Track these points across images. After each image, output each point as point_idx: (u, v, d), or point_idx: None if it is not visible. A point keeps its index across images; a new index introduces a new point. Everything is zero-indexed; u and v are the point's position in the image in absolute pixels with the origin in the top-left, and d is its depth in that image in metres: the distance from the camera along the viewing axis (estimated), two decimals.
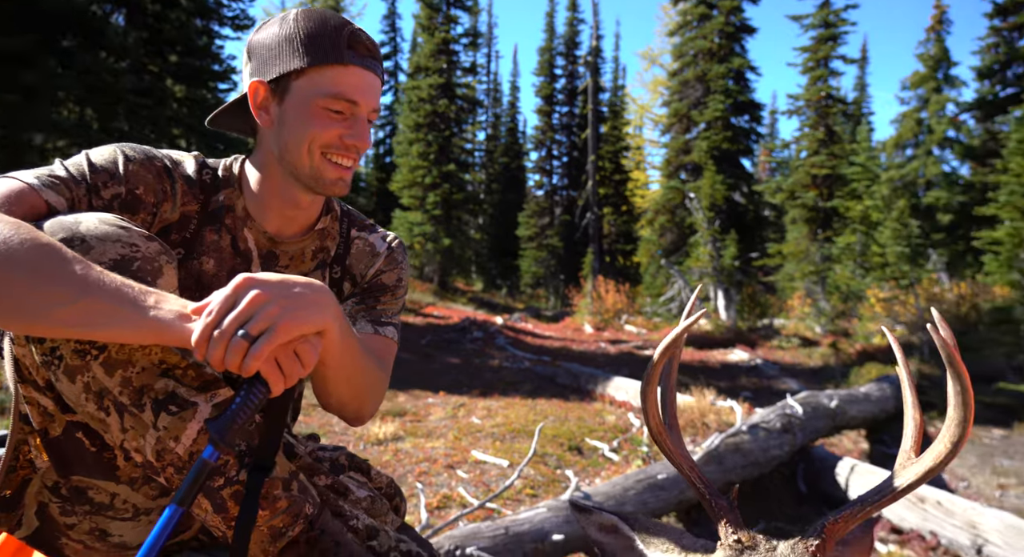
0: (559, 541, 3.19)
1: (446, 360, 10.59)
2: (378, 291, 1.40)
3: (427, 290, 19.33)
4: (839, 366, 10.85)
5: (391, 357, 1.33)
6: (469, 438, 5.89)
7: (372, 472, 1.51)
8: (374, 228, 1.47)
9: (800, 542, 0.93)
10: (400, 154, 20.68)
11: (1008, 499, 5.07)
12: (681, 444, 1.09)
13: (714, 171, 17.10)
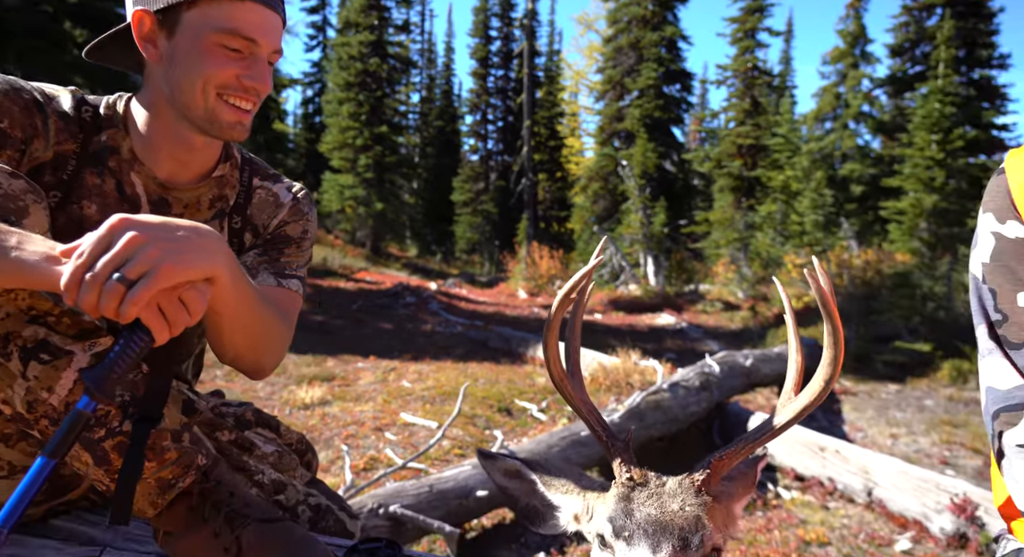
0: (483, 497, 3.26)
1: (378, 325, 10.48)
2: (282, 243, 1.35)
3: (359, 255, 18.96)
4: (758, 328, 11.43)
5: (295, 310, 1.30)
6: (399, 401, 5.89)
7: (281, 428, 1.48)
8: (278, 178, 1.41)
9: (687, 477, 0.98)
10: (330, 114, 19.93)
11: (898, 447, 5.53)
12: (582, 391, 1.12)
13: (646, 139, 17.37)
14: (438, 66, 31.32)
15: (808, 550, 3.56)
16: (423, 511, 2.95)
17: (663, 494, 0.94)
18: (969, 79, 14.28)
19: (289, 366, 6.76)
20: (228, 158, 1.31)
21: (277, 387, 5.94)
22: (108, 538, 1.10)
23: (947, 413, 6.50)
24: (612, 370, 6.49)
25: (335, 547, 1.17)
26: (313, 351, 7.62)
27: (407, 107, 25.80)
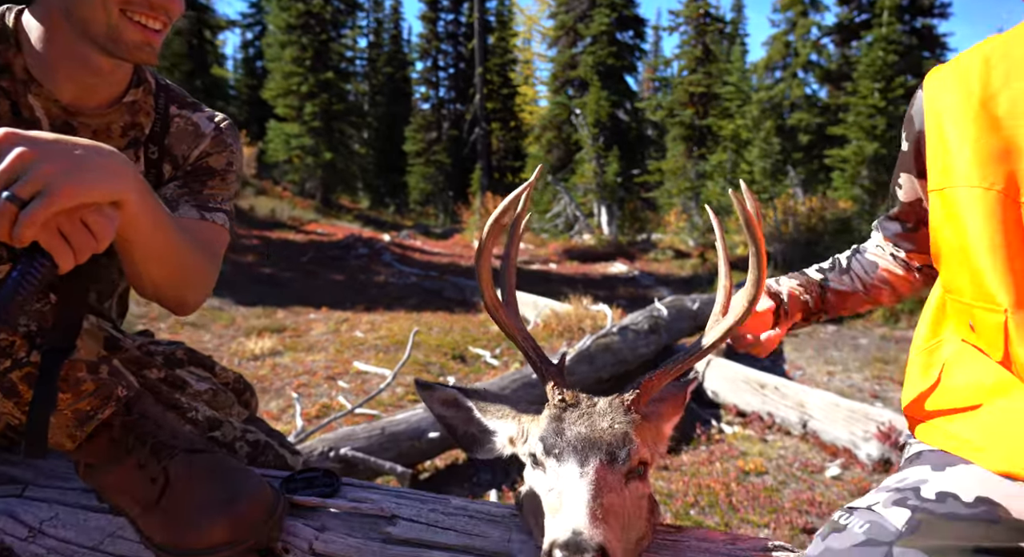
0: (435, 438, 3.31)
1: (329, 277, 10.31)
2: (204, 175, 1.28)
3: (309, 207, 18.45)
4: (707, 275, 11.73)
5: (221, 245, 1.25)
6: (352, 351, 5.87)
7: (216, 368, 1.45)
8: (198, 106, 1.33)
9: (617, 397, 1.00)
10: (272, 58, 18.99)
11: (834, 383, 5.84)
12: (516, 318, 1.12)
13: (599, 87, 17.21)
14: (385, 9, 30.02)
15: (747, 479, 3.76)
16: (374, 453, 2.97)
17: (593, 413, 0.97)
18: (912, 28, 14.55)
19: (238, 318, 6.62)
20: (140, 83, 1.23)
21: (225, 339, 5.83)
22: (30, 476, 1.06)
23: (879, 351, 6.87)
24: (564, 316, 6.58)
25: (274, 478, 1.16)
26: (263, 303, 7.47)
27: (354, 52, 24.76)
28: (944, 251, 0.97)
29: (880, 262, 1.26)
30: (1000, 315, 0.87)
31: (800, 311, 1.25)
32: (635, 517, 0.92)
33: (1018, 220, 0.86)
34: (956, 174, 0.92)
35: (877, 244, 1.28)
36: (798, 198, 12.66)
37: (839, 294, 1.27)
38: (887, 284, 1.26)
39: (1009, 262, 0.85)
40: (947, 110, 0.95)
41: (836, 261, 1.30)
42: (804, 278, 1.28)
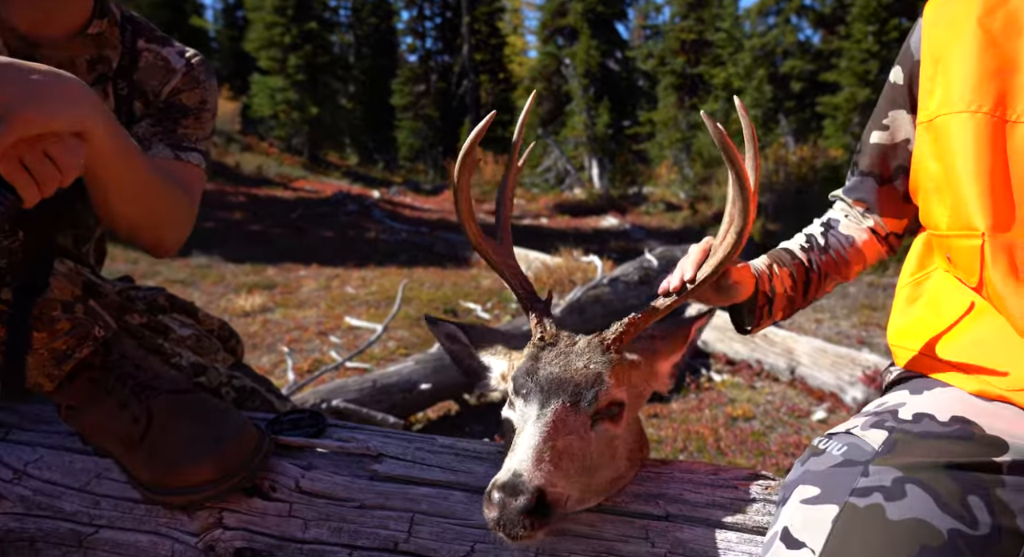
0: (427, 389, 3.34)
1: (319, 234, 10.24)
2: (177, 112, 1.24)
3: (296, 163, 18.18)
4: (697, 227, 11.72)
5: (198, 185, 1.21)
6: (343, 306, 5.87)
7: (200, 314, 1.43)
8: (167, 41, 1.28)
9: (598, 335, 0.98)
10: (252, 8, 18.35)
11: (822, 330, 5.91)
12: (506, 253, 1.10)
13: (589, 36, 16.80)
14: None
15: (735, 425, 3.84)
16: (366, 405, 3.00)
17: (570, 353, 0.95)
18: None
19: (227, 275, 6.59)
20: (105, 14, 1.17)
21: (215, 296, 5.81)
22: (14, 420, 1.06)
23: (867, 298, 6.94)
24: (555, 269, 6.58)
25: (260, 420, 1.16)
26: (252, 260, 7.43)
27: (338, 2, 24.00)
28: (925, 185, 0.97)
29: (854, 235, 1.16)
30: (977, 239, 0.87)
31: (782, 310, 1.11)
32: (604, 458, 0.91)
33: (1002, 142, 0.86)
34: (948, 100, 0.91)
35: (846, 215, 1.19)
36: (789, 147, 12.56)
37: (822, 279, 1.15)
38: (860, 258, 1.17)
39: (991, 185, 0.86)
40: (944, 33, 0.94)
41: (812, 239, 1.17)
42: (793, 263, 1.12)
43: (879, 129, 1.08)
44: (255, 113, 18.86)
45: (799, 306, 1.13)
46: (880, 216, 1.13)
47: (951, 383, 0.92)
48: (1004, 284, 0.86)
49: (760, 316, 1.08)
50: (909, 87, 1.01)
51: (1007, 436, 0.80)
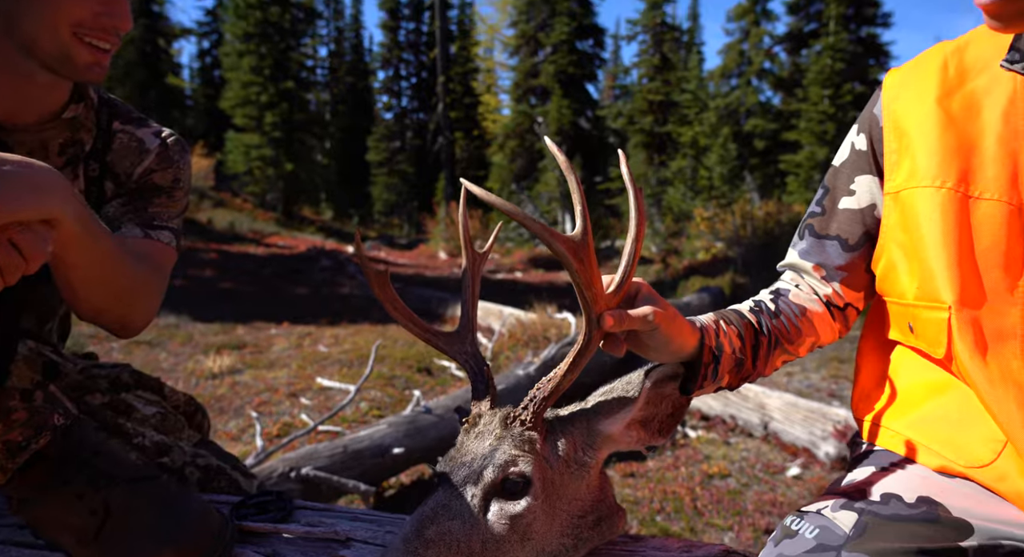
0: (400, 453, 3.27)
1: (292, 291, 10.15)
2: (149, 192, 1.25)
3: (270, 219, 18.15)
4: (669, 280, 11.89)
5: (168, 263, 1.22)
6: (315, 366, 5.77)
7: (165, 390, 1.41)
8: (144, 122, 1.30)
9: (507, 410, 0.94)
10: (229, 68, 18.66)
11: (793, 383, 5.97)
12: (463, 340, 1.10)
13: (560, 95, 17.38)
14: (346, 18, 29.85)
15: (711, 483, 3.81)
16: (337, 472, 2.92)
17: (479, 433, 0.92)
18: (857, 37, 15.07)
19: (195, 335, 6.46)
20: (82, 99, 1.19)
21: (182, 357, 5.67)
22: None
23: (835, 350, 7.05)
24: (530, 325, 6.59)
25: (223, 504, 1.13)
26: (222, 319, 7.30)
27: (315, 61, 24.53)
28: (893, 254, 0.98)
29: (806, 305, 1.08)
30: (944, 312, 0.88)
31: (729, 373, 1.00)
32: (508, 540, 0.86)
33: (967, 217, 0.88)
34: (914, 174, 0.94)
35: (797, 285, 1.11)
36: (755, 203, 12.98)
37: (772, 345, 1.04)
38: (812, 331, 1.08)
39: (958, 259, 0.87)
40: (906, 109, 0.97)
41: (762, 304, 1.08)
42: (741, 323, 1.02)
43: (847, 194, 1.06)
44: (229, 169, 18.92)
45: (748, 373, 1.03)
46: (840, 284, 1.08)
47: (915, 458, 0.94)
48: (970, 358, 0.87)
49: (704, 375, 0.97)
50: (873, 153, 1.03)
51: (971, 517, 0.82)
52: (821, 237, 1.09)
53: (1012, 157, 0.86)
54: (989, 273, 0.87)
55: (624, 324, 0.88)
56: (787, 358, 1.08)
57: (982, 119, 0.89)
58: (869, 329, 1.10)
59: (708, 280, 10.06)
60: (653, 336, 0.91)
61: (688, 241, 13.35)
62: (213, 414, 4.36)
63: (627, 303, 0.93)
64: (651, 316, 0.89)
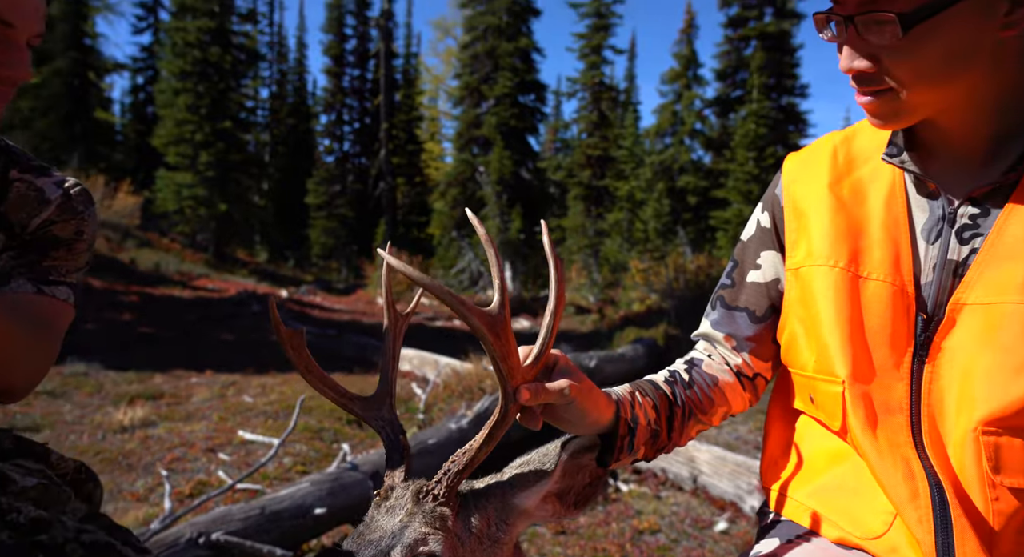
0: (322, 514, 3.11)
1: (218, 337, 9.71)
2: (47, 245, 1.18)
3: (199, 260, 17.47)
4: (606, 331, 12.07)
5: (62, 320, 1.14)
6: (237, 418, 5.48)
7: (52, 457, 1.29)
8: (45, 171, 1.24)
9: (419, 483, 0.92)
10: (163, 105, 18.20)
11: (722, 436, 6.08)
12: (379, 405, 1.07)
13: (502, 147, 17.77)
14: (290, 61, 29.84)
15: (641, 539, 3.79)
16: (252, 536, 2.74)
17: (390, 508, 0.90)
18: (778, 105, 16.21)
19: (106, 384, 6.05)
20: None
21: (89, 409, 5.28)
22: None
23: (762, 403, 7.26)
24: (465, 375, 6.51)
25: None
26: (138, 367, 6.89)
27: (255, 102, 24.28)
28: (794, 327, 1.02)
29: (718, 376, 1.10)
30: (839, 386, 0.92)
31: (644, 445, 0.99)
32: None
33: (857, 296, 0.92)
34: (811, 252, 0.98)
35: (709, 355, 1.13)
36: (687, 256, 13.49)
37: (686, 415, 1.05)
38: (724, 401, 1.10)
39: (850, 336, 0.91)
40: (803, 192, 1.03)
41: (676, 374, 1.09)
42: (656, 394, 1.03)
43: (753, 268, 1.10)
44: (159, 208, 18.24)
45: (663, 444, 1.03)
46: (749, 354, 1.11)
47: (819, 530, 0.96)
48: (862, 431, 0.90)
49: (620, 447, 0.96)
50: (775, 231, 1.08)
51: None
52: (731, 308, 1.12)
53: (894, 242, 0.92)
54: (878, 349, 0.91)
55: (540, 398, 0.88)
56: (701, 428, 1.09)
57: (868, 205, 0.96)
58: (776, 398, 1.13)
59: (643, 331, 10.26)
60: (569, 409, 0.91)
61: (624, 292, 13.65)
62: (119, 472, 4.05)
63: (544, 375, 0.93)
64: (567, 390, 0.89)
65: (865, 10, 0.79)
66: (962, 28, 0.77)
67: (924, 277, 0.90)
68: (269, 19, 29.31)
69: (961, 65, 0.80)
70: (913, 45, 0.78)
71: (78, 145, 17.53)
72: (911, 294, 0.90)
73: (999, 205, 0.85)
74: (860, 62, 0.82)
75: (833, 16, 0.83)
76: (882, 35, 0.79)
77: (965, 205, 0.88)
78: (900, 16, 0.76)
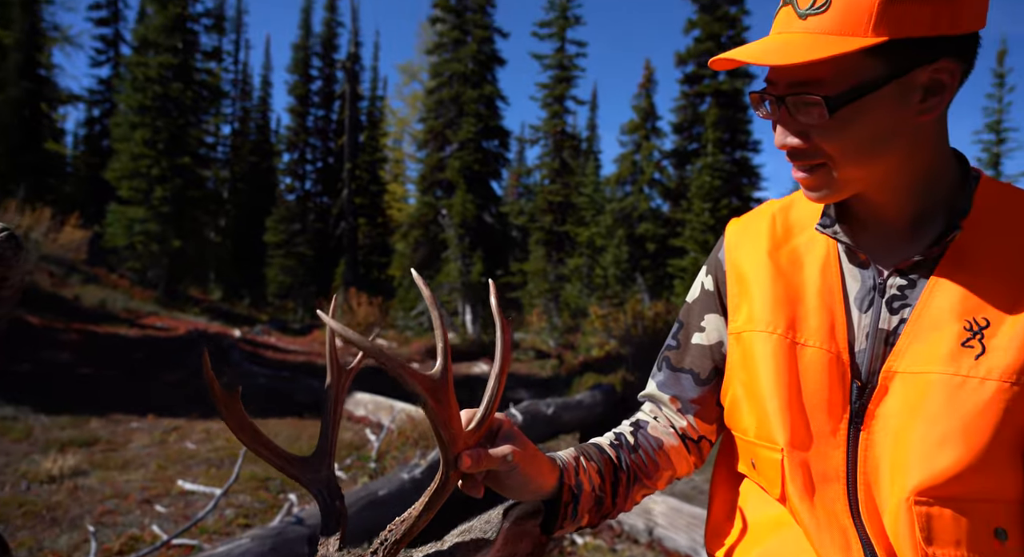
0: None
1: (163, 378, 9.31)
2: None
3: (149, 298, 16.88)
4: (565, 376, 12.03)
5: None
6: (178, 466, 5.21)
7: None
8: None
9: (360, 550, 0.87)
10: (119, 138, 17.85)
11: (678, 486, 6.05)
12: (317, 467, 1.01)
13: (465, 190, 17.93)
14: (254, 100, 29.79)
15: None
16: None
17: None
18: (732, 158, 16.87)
19: (36, 429, 5.70)
20: None
21: (14, 457, 4.95)
22: None
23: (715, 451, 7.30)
24: (421, 421, 6.36)
25: None
26: (73, 410, 6.53)
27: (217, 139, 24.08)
28: (736, 391, 1.02)
29: (663, 439, 1.08)
30: (778, 454, 0.92)
31: (588, 512, 0.96)
32: None
33: (795, 363, 0.93)
34: (751, 318, 0.99)
35: (655, 417, 1.12)
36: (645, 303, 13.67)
37: (631, 481, 1.02)
38: (669, 465, 1.07)
39: (789, 402, 0.92)
40: (744, 257, 1.05)
41: (622, 437, 1.06)
42: (601, 458, 1.01)
43: (698, 331, 1.10)
44: (108, 243, 17.67)
45: (608, 510, 1.00)
46: (694, 416, 1.10)
47: None
48: (800, 500, 0.90)
49: (564, 514, 0.93)
50: (719, 294, 1.09)
51: None
52: (676, 370, 1.12)
53: (829, 310, 0.94)
54: (815, 416, 0.91)
55: (483, 464, 0.85)
56: (646, 492, 1.07)
57: (805, 273, 0.98)
58: (721, 460, 1.12)
59: (601, 377, 10.26)
60: (512, 476, 0.89)
61: (584, 337, 13.70)
62: (42, 527, 3.77)
63: (488, 440, 0.91)
64: (510, 456, 0.87)
65: (794, 92, 0.82)
66: (883, 112, 0.81)
67: (858, 344, 0.91)
68: (234, 57, 29.36)
69: (883, 146, 0.84)
70: (840, 125, 0.82)
71: (26, 176, 16.97)
72: (846, 361, 0.91)
73: (924, 277, 0.88)
74: (792, 139, 0.86)
75: (766, 95, 0.86)
76: (810, 115, 0.82)
77: (894, 276, 0.90)
78: (826, 99, 0.79)
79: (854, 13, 0.76)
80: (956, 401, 0.82)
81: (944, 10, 0.76)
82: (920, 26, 0.76)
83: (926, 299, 0.87)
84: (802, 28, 0.80)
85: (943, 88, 0.81)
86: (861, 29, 0.76)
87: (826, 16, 0.78)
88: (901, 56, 0.78)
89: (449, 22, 19.24)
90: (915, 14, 0.75)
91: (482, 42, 18.65)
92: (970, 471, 0.80)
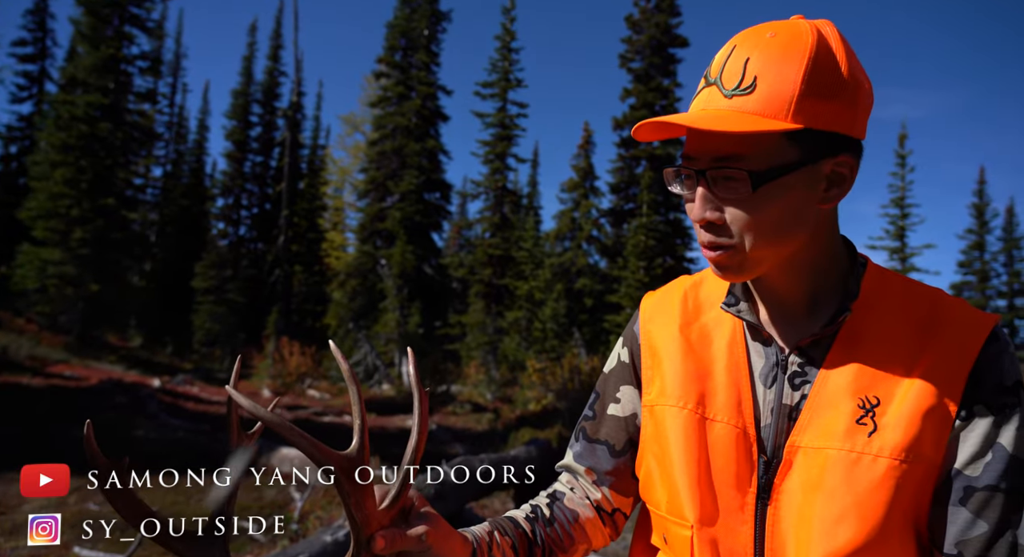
0: None
1: (69, 433, 8.60)
2: None
3: (59, 344, 15.77)
4: (501, 430, 11.87)
5: None
6: (77, 530, 4.76)
7: None
8: None
9: None
10: (38, 177, 17.00)
11: (610, 546, 5.98)
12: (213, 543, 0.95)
13: (405, 241, 17.89)
14: (188, 143, 29.14)
15: None
16: None
17: None
18: (666, 219, 17.62)
19: None
20: None
21: None
22: None
23: None
24: None
25: None
26: None
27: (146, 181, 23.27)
28: (650, 465, 1.02)
29: (579, 511, 1.08)
30: (688, 530, 0.92)
31: None
32: None
33: (704, 438, 0.94)
34: (663, 392, 1.00)
35: (572, 488, 1.12)
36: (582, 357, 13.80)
37: (546, 555, 1.03)
38: (584, 538, 1.07)
39: (698, 478, 0.92)
40: (658, 331, 1.06)
41: (538, 510, 1.07)
42: (516, 532, 1.01)
43: (613, 402, 1.10)
44: (17, 286, 16.54)
45: None
46: (610, 489, 1.09)
47: None
48: None
49: None
50: (634, 367, 1.09)
51: None
52: (592, 441, 1.11)
53: (736, 386, 0.96)
54: (723, 492, 0.92)
55: (397, 545, 0.84)
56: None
57: (713, 349, 1.00)
58: (638, 532, 1.11)
59: (538, 432, 10.18)
60: (425, 556, 0.88)
61: (521, 391, 13.64)
62: None
63: (401, 518, 0.89)
64: (424, 536, 0.86)
65: (718, 166, 0.85)
66: (795, 195, 0.85)
67: (764, 420, 0.93)
68: (171, 100, 28.81)
69: (792, 228, 0.87)
70: (758, 202, 0.84)
71: None
72: (752, 436, 0.92)
73: (822, 355, 0.92)
74: (712, 213, 0.87)
75: (684, 170, 0.89)
76: (732, 190, 0.85)
77: (794, 354, 0.93)
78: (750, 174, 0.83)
79: (776, 99, 0.81)
80: (852, 477, 0.84)
81: (847, 113, 0.84)
82: (828, 121, 0.83)
83: (824, 377, 0.90)
84: (728, 106, 0.84)
85: (843, 180, 0.87)
86: (782, 114, 0.81)
87: (751, 98, 0.83)
88: (812, 145, 0.83)
89: (394, 77, 19.60)
90: (825, 110, 0.82)
91: (426, 98, 19.06)
92: (866, 548, 0.82)
